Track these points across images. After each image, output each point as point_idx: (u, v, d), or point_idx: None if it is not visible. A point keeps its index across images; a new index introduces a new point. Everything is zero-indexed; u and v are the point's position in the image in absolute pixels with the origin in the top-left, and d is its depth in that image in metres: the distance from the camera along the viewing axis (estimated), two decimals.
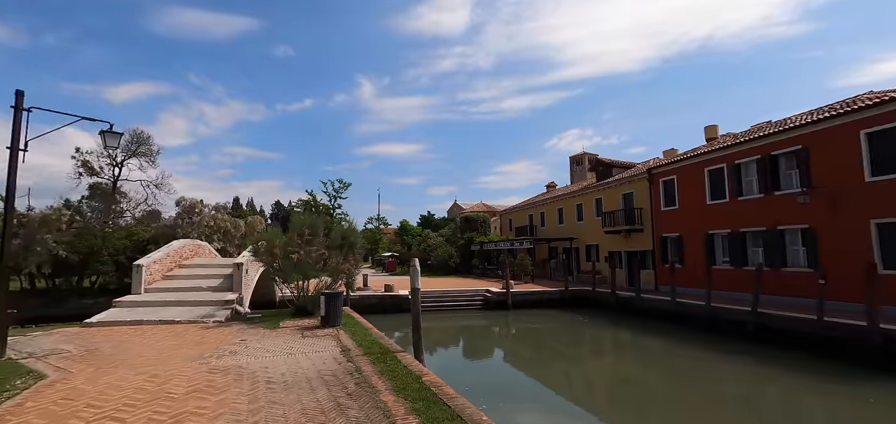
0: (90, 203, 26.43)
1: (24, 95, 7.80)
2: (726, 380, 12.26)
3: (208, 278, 15.24)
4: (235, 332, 9.98)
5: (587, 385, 12.91)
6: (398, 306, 23.33)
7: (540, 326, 21.36)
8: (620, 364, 15.15)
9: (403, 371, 6.35)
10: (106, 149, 8.33)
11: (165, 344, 8.72)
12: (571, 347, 17.57)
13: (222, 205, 30.24)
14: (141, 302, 12.63)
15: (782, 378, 11.73)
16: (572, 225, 32.11)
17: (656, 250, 23.51)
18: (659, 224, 23.46)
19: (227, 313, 12.08)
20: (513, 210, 44.72)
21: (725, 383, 12.06)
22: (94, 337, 9.42)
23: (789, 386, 11.24)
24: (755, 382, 11.72)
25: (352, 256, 13.09)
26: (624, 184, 26.57)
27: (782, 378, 11.73)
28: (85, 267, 22.66)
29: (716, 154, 20.11)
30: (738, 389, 11.53)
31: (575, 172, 74.14)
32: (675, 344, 15.77)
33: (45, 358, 7.43)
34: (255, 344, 8.60)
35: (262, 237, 13.10)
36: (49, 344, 8.63)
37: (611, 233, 26.81)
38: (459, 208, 72.24)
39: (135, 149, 27.21)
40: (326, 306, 10.35)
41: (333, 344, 8.54)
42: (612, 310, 22.24)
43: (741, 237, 18.69)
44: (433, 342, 18.90)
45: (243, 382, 5.96)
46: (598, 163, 30.98)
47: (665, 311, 18.97)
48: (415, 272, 8.01)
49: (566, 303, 24.31)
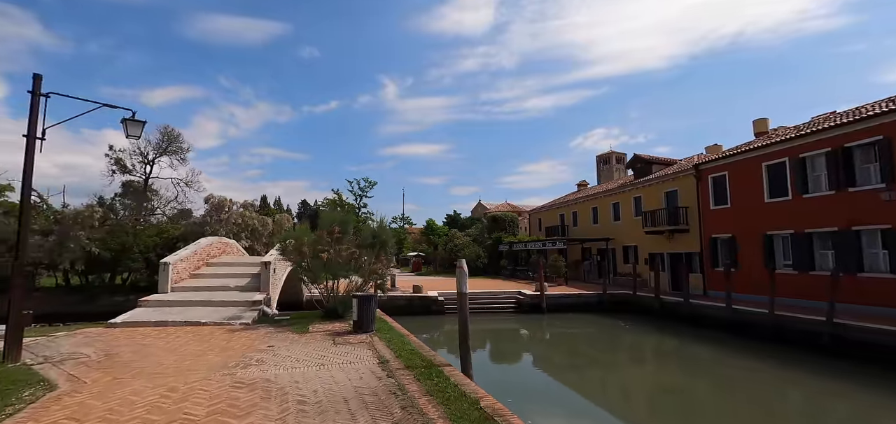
0: (123, 200, 26.68)
1: (41, 80, 7.24)
2: (789, 395, 11.06)
3: (235, 277, 14.72)
4: (263, 337, 9.26)
5: (628, 394, 11.91)
6: (426, 308, 22.53)
7: (577, 331, 20.13)
8: (664, 373, 14.03)
9: (455, 391, 5.39)
10: (128, 137, 7.68)
11: (188, 349, 8.04)
12: (611, 353, 16.44)
13: (250, 202, 30.08)
14: (167, 302, 12.14)
15: (857, 396, 10.49)
16: (608, 225, 30.53)
17: (704, 252, 21.82)
18: (708, 224, 21.77)
19: (254, 314, 11.44)
20: (542, 209, 43.27)
21: (787, 398, 10.87)
22: (117, 340, 8.86)
23: (866, 404, 9.99)
24: (823, 398, 10.56)
25: (383, 256, 12.25)
26: (667, 182, 24.90)
27: (857, 396, 10.49)
28: (117, 264, 22.77)
29: (775, 147, 18.35)
30: (803, 404, 10.45)
31: (602, 171, 71.92)
32: (728, 354, 14.54)
33: (61, 364, 6.83)
34: (284, 352, 7.82)
35: (290, 235, 12.41)
36: (68, 348, 8.09)
37: (652, 234, 25.19)
38: (484, 208, 71.06)
39: (165, 147, 27.35)
40: (359, 310, 9.52)
41: (369, 354, 7.67)
42: (655, 316, 20.75)
43: (807, 238, 16.93)
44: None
45: (271, 401, 5.13)
46: (636, 160, 29.31)
47: (718, 318, 17.41)
48: (462, 274, 7.01)
49: (604, 308, 22.91)
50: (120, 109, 8.09)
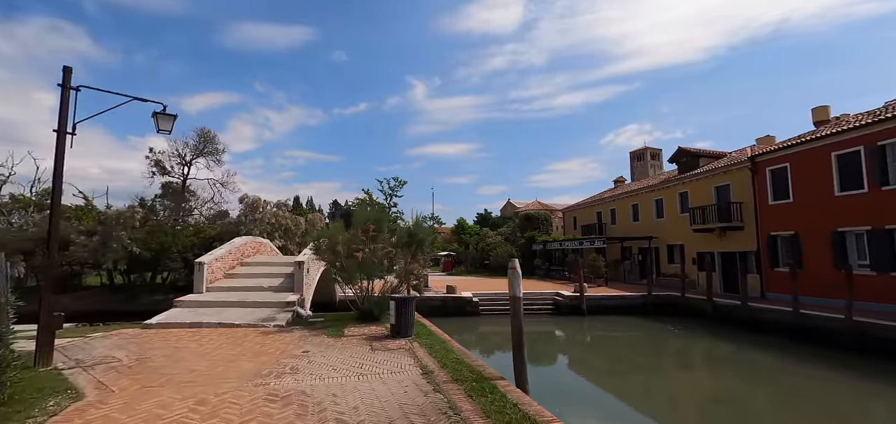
0: (162, 201, 27.32)
1: (71, 73, 6.97)
2: (871, 408, 9.83)
3: (269, 277, 14.47)
4: (297, 340, 8.79)
5: (675, 402, 10.99)
6: (461, 309, 21.86)
7: (619, 334, 18.97)
8: (718, 380, 12.97)
9: (516, 414, 4.63)
10: (159, 131, 7.34)
11: (221, 353, 7.63)
12: (657, 358, 15.33)
13: (283, 202, 30.25)
14: (202, 303, 11.94)
15: None
16: (650, 222, 28.89)
17: (762, 251, 20.10)
18: (765, 220, 20.04)
19: (287, 316, 11.04)
20: (577, 207, 41.73)
21: (869, 411, 9.68)
22: (151, 342, 8.59)
23: None
24: None
25: (420, 255, 11.61)
26: (717, 176, 23.18)
27: None
28: (157, 264, 23.23)
29: (848, 135, 16.54)
30: (890, 419, 9.02)
31: (636, 168, 68.85)
32: (793, 361, 13.32)
33: (91, 369, 6.51)
34: (320, 359, 7.28)
35: (323, 233, 11.96)
36: (102, 350, 7.84)
37: (700, 232, 23.51)
38: (513, 206, 69.63)
39: (202, 148, 27.85)
40: (397, 313, 8.90)
41: (410, 362, 7.02)
42: (707, 320, 19.25)
43: (887, 236, 15.14)
44: (504, 348, 17.81)
45: (308, 419, 4.53)
46: (681, 154, 27.56)
47: (782, 323, 15.88)
48: (515, 276, 6.21)
49: (649, 310, 21.52)
50: (151, 103, 7.78)
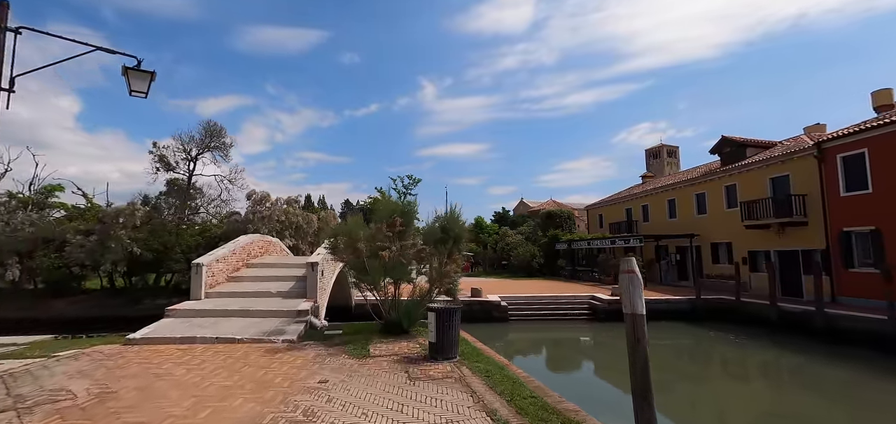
0: (167, 199, 25.77)
1: (8, 8, 5.16)
2: None
3: (278, 281, 12.66)
4: (311, 363, 6.90)
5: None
6: (488, 314, 20.00)
7: (668, 342, 16.85)
8: (784, 394, 11.38)
9: None
10: (132, 93, 5.49)
11: (212, 384, 5.76)
12: (742, 379, 13.06)
13: (294, 198, 28.53)
14: (198, 311, 10.12)
15: None
16: (690, 218, 26.55)
17: (832, 249, 17.74)
18: (836, 214, 17.68)
19: (299, 329, 9.16)
20: (602, 204, 39.43)
21: None
22: (127, 366, 6.76)
23: None
24: None
25: (456, 254, 9.66)
26: (773, 166, 20.82)
27: None
28: (159, 265, 21.64)
29: None
30: None
31: (652, 166, 66.27)
32: (877, 376, 11.54)
33: (30, 413, 4.68)
34: (341, 394, 5.37)
35: (341, 229, 10.07)
36: (59, 379, 6.01)
37: (754, 228, 21.18)
38: (526, 206, 67.41)
39: (208, 143, 26.24)
40: (438, 328, 6.95)
41: (466, 400, 5.08)
42: (769, 327, 16.97)
43: None
44: (535, 352, 16.03)
45: None
46: (724, 143, 25.19)
47: (869, 333, 13.62)
48: (634, 283, 4.15)
49: (698, 316, 19.28)
50: (121, 54, 5.97)
